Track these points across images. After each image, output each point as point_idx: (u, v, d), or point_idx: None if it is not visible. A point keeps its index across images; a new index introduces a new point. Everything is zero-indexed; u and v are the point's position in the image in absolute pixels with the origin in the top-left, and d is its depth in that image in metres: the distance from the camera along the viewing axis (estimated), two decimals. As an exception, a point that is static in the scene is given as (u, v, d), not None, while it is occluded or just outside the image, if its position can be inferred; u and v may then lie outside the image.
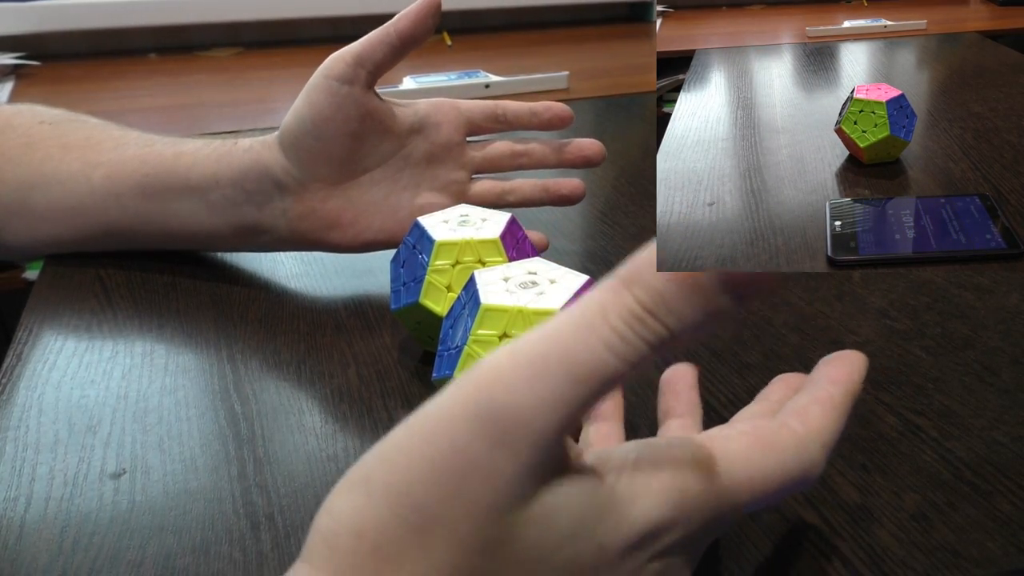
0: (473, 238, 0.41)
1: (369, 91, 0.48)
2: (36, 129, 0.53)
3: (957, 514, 0.34)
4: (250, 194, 0.49)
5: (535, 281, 0.35)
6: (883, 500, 0.35)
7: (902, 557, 0.32)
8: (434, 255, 0.40)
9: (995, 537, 0.33)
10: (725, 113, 1.00)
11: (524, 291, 0.34)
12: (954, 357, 0.45)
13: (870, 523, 0.34)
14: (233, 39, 1.34)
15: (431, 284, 0.40)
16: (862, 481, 0.36)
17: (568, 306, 0.34)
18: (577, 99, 1.01)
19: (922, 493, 0.35)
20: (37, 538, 0.33)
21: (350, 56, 0.47)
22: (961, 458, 0.37)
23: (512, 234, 0.42)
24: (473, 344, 0.33)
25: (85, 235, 0.53)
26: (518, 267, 0.36)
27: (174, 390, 0.42)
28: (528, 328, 0.31)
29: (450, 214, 0.43)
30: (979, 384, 0.42)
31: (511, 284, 0.35)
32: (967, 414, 0.40)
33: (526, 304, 0.33)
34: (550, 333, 0.20)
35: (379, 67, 0.48)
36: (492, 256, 0.41)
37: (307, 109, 0.47)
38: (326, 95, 0.47)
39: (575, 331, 0.20)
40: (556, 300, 0.33)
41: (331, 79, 0.47)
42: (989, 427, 0.39)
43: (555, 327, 0.20)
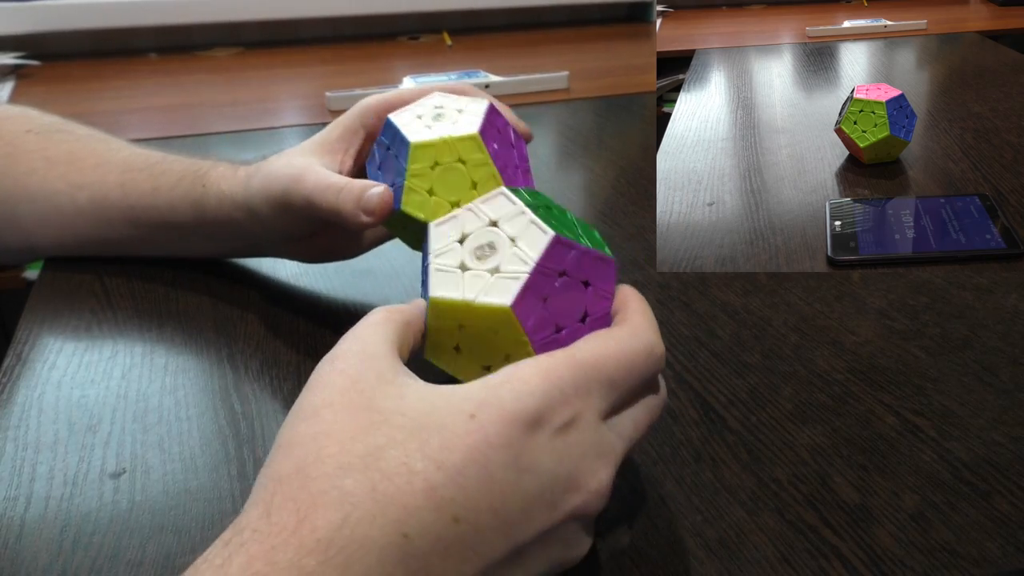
0: (451, 135, 0.37)
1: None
2: (22, 139, 0.53)
3: (956, 514, 0.34)
4: (234, 239, 0.49)
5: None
6: (882, 500, 0.35)
7: (901, 557, 0.32)
8: (411, 159, 0.37)
9: (994, 537, 0.33)
10: (725, 113, 1.00)
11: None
12: (953, 357, 0.45)
13: (869, 523, 0.34)
14: (233, 39, 1.34)
15: (411, 190, 0.38)
16: (861, 481, 0.36)
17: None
18: (577, 99, 1.01)
19: (921, 493, 0.35)
20: (37, 537, 0.33)
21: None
22: (960, 458, 0.37)
23: (492, 124, 0.39)
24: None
25: (80, 244, 0.53)
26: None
27: (174, 390, 0.42)
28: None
29: (424, 106, 0.40)
30: (978, 384, 0.42)
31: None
32: (966, 414, 0.40)
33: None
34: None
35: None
36: (472, 154, 0.37)
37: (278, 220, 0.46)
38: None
39: None
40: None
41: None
42: (988, 427, 0.39)
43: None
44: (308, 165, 0.43)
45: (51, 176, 0.51)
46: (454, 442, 0.24)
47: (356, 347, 0.28)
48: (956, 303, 0.50)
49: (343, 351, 0.28)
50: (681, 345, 0.46)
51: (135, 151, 0.53)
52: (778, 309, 0.50)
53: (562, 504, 0.26)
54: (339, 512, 0.23)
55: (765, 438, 0.39)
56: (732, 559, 0.32)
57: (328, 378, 0.27)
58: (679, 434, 0.39)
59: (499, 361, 0.29)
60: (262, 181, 0.45)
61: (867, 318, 0.49)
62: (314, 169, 0.42)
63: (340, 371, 0.27)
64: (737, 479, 0.36)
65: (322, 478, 0.23)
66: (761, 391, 0.42)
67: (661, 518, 0.34)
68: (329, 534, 0.22)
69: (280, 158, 0.45)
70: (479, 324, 0.29)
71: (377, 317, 0.29)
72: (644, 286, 0.53)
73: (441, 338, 0.30)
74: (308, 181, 0.42)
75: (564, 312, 0.29)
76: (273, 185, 0.44)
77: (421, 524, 0.23)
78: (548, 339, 0.29)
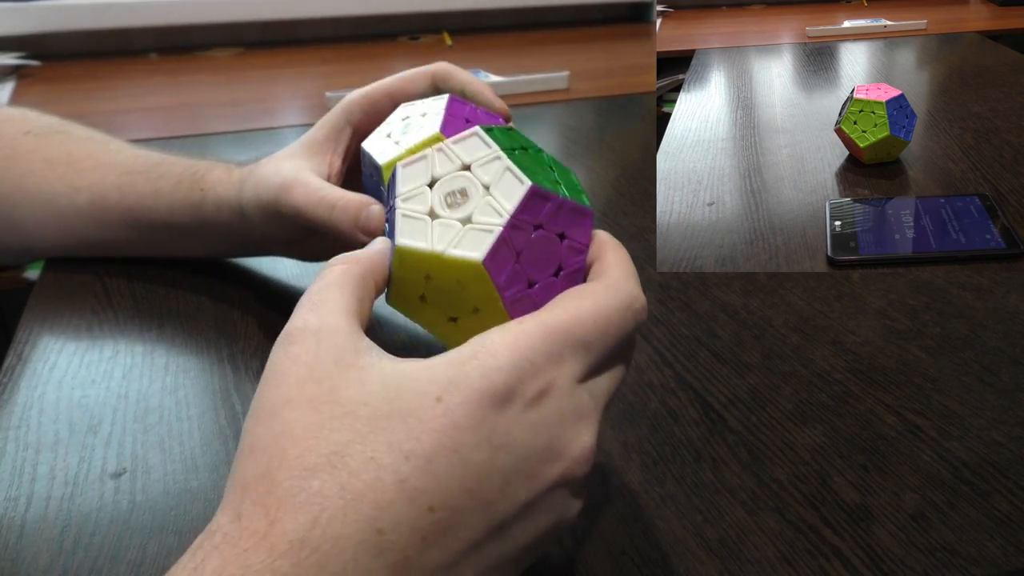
0: (415, 144, 0.37)
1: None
2: (21, 140, 0.53)
3: (956, 514, 0.34)
4: (232, 241, 0.50)
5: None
6: (882, 500, 0.35)
7: (901, 557, 0.32)
8: (386, 178, 0.37)
9: (994, 537, 0.33)
10: (725, 113, 1.00)
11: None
12: (953, 357, 0.45)
13: (870, 523, 0.34)
14: (233, 39, 1.34)
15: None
16: (862, 481, 0.36)
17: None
18: (577, 99, 1.01)
19: (921, 493, 0.35)
20: (38, 537, 0.33)
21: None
22: (960, 458, 0.37)
23: (456, 116, 0.39)
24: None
25: (79, 245, 0.53)
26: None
27: (174, 390, 0.42)
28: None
29: (392, 122, 0.41)
30: (978, 384, 0.42)
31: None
32: (966, 414, 0.40)
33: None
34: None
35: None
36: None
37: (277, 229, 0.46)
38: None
39: None
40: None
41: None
42: (988, 427, 0.39)
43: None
44: (296, 173, 0.43)
45: (50, 177, 0.51)
46: (421, 429, 0.23)
47: (312, 322, 0.26)
48: (956, 303, 0.50)
49: (298, 328, 0.26)
50: (681, 345, 0.46)
51: (135, 153, 0.53)
52: (778, 309, 0.50)
53: (543, 475, 0.25)
54: (309, 514, 0.22)
55: (765, 438, 0.39)
56: (732, 559, 0.32)
57: (284, 367, 0.25)
58: (679, 434, 0.39)
59: (466, 313, 0.28)
60: (253, 188, 0.45)
61: (867, 318, 0.49)
62: (303, 178, 0.42)
63: (295, 358, 0.25)
64: (737, 479, 0.36)
65: (288, 481, 0.23)
66: (761, 391, 0.42)
67: (661, 518, 0.34)
68: (301, 535, 0.22)
69: (270, 163, 0.45)
70: (447, 276, 0.27)
71: (334, 275, 0.28)
72: (644, 286, 0.53)
73: (406, 287, 0.29)
74: (297, 192, 0.42)
75: (537, 266, 0.28)
76: (263, 194, 0.43)
77: (395, 518, 0.23)
78: (520, 294, 0.28)
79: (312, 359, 0.25)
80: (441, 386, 0.24)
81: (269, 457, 0.24)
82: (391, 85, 0.46)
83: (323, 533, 0.22)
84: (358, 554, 0.22)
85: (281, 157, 0.45)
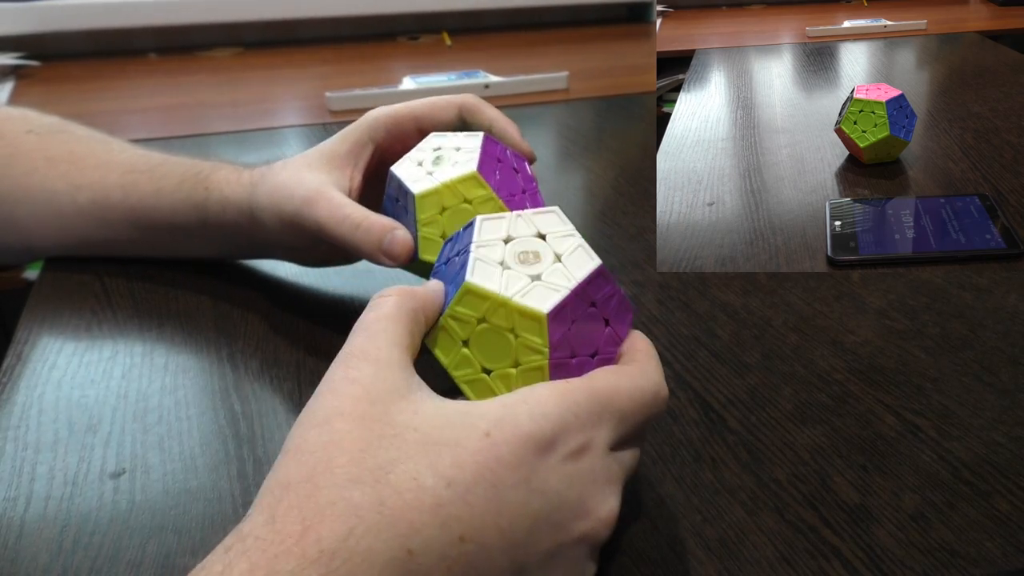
0: (451, 179, 0.38)
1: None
2: (22, 139, 0.53)
3: (956, 514, 0.34)
4: (235, 242, 0.50)
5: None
6: (882, 500, 0.35)
7: (901, 557, 0.32)
8: (418, 209, 0.39)
9: (994, 537, 0.33)
10: (725, 113, 1.00)
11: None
12: (953, 357, 0.45)
13: (869, 523, 0.34)
14: (233, 39, 1.34)
15: (426, 239, 0.39)
16: (861, 481, 0.36)
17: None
18: (577, 99, 1.01)
19: (921, 493, 0.35)
20: (37, 537, 0.33)
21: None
22: (960, 458, 0.37)
23: (490, 156, 0.40)
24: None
25: (80, 244, 0.53)
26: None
27: (174, 390, 0.42)
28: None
29: (424, 150, 0.41)
30: (978, 384, 0.42)
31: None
32: (966, 414, 0.40)
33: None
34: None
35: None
36: (475, 191, 0.38)
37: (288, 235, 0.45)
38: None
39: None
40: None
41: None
42: (988, 427, 0.39)
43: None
44: (320, 187, 0.42)
45: (51, 176, 0.51)
46: (466, 459, 0.24)
47: (369, 351, 0.27)
48: (956, 303, 0.50)
49: (355, 354, 0.27)
50: (681, 345, 0.46)
51: (136, 152, 0.53)
52: (778, 309, 0.50)
53: (569, 528, 0.26)
54: (345, 524, 0.23)
55: (765, 438, 0.39)
56: (732, 559, 0.32)
57: (340, 385, 0.26)
58: (679, 434, 0.39)
59: (504, 367, 0.29)
60: (270, 194, 0.44)
61: (867, 318, 0.49)
62: (327, 193, 0.42)
63: (352, 379, 0.26)
64: (737, 479, 0.36)
65: (330, 489, 0.23)
66: (761, 391, 0.42)
67: (661, 518, 0.34)
68: (333, 545, 0.22)
69: (286, 169, 0.45)
70: (503, 323, 0.28)
71: (389, 308, 0.28)
72: (644, 286, 0.53)
73: (454, 329, 0.29)
74: (321, 207, 0.41)
75: (581, 342, 0.29)
76: (284, 203, 0.43)
77: (426, 541, 0.23)
78: (563, 360, 0.29)
79: (369, 383, 0.26)
80: (491, 422, 0.25)
81: (315, 462, 0.24)
82: (418, 108, 0.45)
83: (356, 545, 0.22)
84: (385, 571, 0.23)
85: (300, 166, 0.44)
